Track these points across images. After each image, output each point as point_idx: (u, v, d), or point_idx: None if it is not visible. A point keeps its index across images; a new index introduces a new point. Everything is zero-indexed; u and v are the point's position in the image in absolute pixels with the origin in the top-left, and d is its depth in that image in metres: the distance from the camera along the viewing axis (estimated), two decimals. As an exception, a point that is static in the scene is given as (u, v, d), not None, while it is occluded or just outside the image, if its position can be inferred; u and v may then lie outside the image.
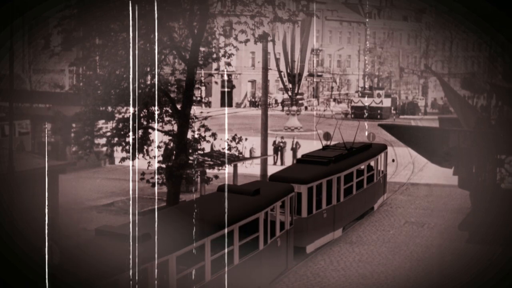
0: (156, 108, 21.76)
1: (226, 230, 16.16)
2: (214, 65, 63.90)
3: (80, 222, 25.21)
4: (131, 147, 21.05)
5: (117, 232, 14.08)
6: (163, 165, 21.71)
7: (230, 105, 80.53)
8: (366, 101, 69.24)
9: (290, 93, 61.43)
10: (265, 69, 31.43)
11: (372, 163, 28.44)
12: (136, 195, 27.08)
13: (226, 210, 16.44)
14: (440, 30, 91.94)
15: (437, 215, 28.55)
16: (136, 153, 21.41)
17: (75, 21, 20.08)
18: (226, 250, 16.16)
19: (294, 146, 41.40)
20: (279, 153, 41.31)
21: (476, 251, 21.85)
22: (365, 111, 67.56)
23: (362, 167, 27.23)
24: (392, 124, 46.39)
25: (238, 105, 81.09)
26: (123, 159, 21.56)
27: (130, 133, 21.01)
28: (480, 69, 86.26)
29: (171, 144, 22.63)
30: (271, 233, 18.99)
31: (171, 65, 22.12)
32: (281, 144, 41.51)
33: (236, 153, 24.98)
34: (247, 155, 35.85)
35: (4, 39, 22.08)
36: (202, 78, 23.97)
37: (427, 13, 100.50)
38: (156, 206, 26.63)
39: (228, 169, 27.88)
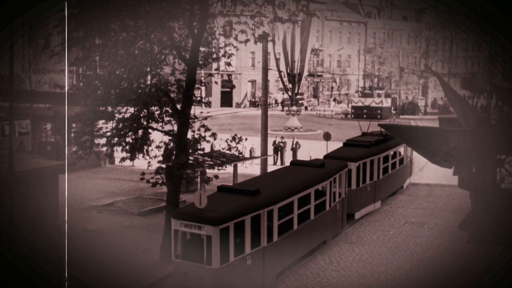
0: (156, 108, 21.73)
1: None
2: (214, 65, 63.96)
3: (80, 222, 25.22)
4: (132, 146, 21.01)
5: (237, 189, 19.96)
6: (163, 165, 21.68)
7: (230, 105, 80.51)
8: (366, 101, 69.27)
9: (290, 93, 61.42)
10: (265, 69, 31.43)
11: (402, 149, 32.75)
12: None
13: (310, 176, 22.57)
14: (440, 30, 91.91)
15: (437, 215, 28.56)
16: (136, 153, 21.37)
17: (75, 21, 20.05)
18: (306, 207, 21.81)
19: (294, 146, 41.39)
20: (279, 153, 41.30)
21: (476, 251, 21.84)
22: (364, 111, 67.62)
23: (395, 151, 31.85)
24: (392, 124, 46.45)
25: (238, 105, 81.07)
26: (123, 159, 21.51)
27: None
28: (480, 69, 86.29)
29: (171, 144, 22.59)
30: (333, 199, 24.01)
31: (171, 65, 22.07)
32: (281, 144, 41.49)
33: (236, 153, 24.96)
34: (247, 155, 35.83)
35: (4, 39, 22.06)
36: (202, 78, 23.96)
37: (427, 13, 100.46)
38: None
39: (228, 169, 27.89)
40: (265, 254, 18.97)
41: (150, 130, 21.78)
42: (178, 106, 21.74)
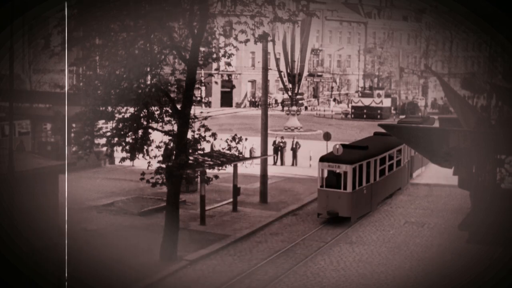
0: (156, 108, 21.69)
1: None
2: (214, 65, 63.98)
3: (80, 222, 25.21)
4: (132, 146, 21.02)
5: (354, 145, 29.96)
6: (163, 165, 21.66)
7: (230, 105, 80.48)
8: (366, 101, 69.24)
9: (290, 93, 61.39)
10: (265, 69, 31.39)
11: None
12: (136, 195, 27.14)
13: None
14: (440, 30, 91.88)
15: (437, 215, 28.56)
16: (136, 153, 21.35)
17: (75, 21, 20.03)
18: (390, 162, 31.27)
19: (294, 146, 41.39)
20: (279, 153, 41.29)
21: (476, 251, 21.84)
22: (365, 111, 67.63)
23: None
24: (392, 124, 46.59)
25: (238, 105, 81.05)
26: (123, 159, 21.48)
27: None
28: (480, 69, 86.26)
29: (171, 144, 22.57)
30: (405, 159, 33.45)
31: (171, 65, 22.04)
32: (281, 144, 41.48)
33: (236, 153, 24.95)
34: (247, 155, 35.82)
35: (4, 39, 22.05)
36: (202, 78, 23.94)
37: (427, 13, 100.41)
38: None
39: (228, 169, 27.87)
40: (372, 188, 28.54)
41: (150, 130, 21.76)
42: (178, 106, 21.72)
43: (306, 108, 79.08)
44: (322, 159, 27.56)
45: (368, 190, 28.22)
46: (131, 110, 21.33)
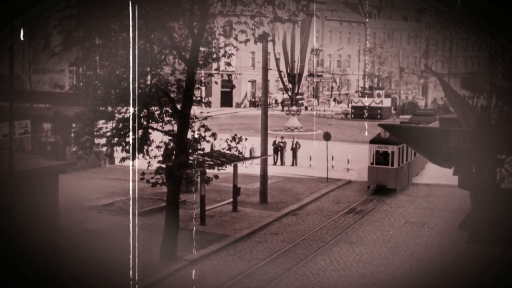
0: (156, 108, 21.69)
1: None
2: (214, 65, 63.96)
3: (80, 222, 25.22)
4: (132, 146, 21.03)
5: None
6: (163, 165, 21.66)
7: (230, 105, 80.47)
8: (366, 101, 69.25)
9: (290, 93, 61.40)
10: (265, 69, 31.39)
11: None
12: (136, 195, 27.14)
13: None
14: (440, 30, 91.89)
15: (437, 215, 28.56)
16: (136, 153, 21.35)
17: (75, 21, 20.03)
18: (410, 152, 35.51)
19: (294, 146, 41.38)
20: (279, 153, 41.29)
21: (476, 251, 21.84)
22: (365, 111, 67.60)
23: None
24: (392, 124, 46.67)
25: (238, 105, 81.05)
26: (123, 159, 21.49)
27: (132, 133, 20.97)
28: (480, 69, 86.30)
29: (171, 144, 22.57)
30: None
31: (171, 65, 22.04)
32: (281, 144, 41.48)
33: (236, 153, 24.94)
34: (247, 155, 35.81)
35: (4, 39, 22.03)
36: (202, 78, 23.93)
37: (427, 13, 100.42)
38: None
39: (228, 169, 27.86)
40: (409, 166, 34.78)
41: (150, 130, 21.77)
42: (178, 106, 21.72)
43: (306, 108, 79.08)
44: (372, 141, 33.56)
45: (407, 167, 34.35)
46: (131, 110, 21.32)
